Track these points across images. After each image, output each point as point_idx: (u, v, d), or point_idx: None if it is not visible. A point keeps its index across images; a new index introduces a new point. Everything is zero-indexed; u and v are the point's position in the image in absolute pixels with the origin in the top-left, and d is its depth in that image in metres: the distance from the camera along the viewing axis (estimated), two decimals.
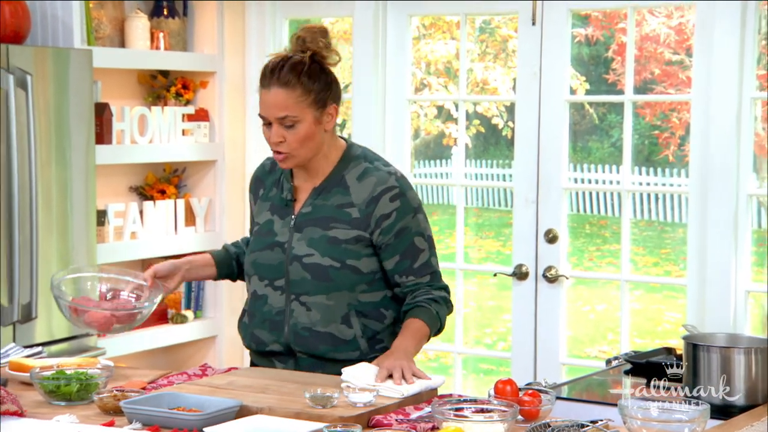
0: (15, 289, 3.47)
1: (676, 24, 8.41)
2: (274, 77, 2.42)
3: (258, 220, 2.60)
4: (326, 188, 2.51)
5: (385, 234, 2.47)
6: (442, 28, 8.73)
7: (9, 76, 3.43)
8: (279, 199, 2.56)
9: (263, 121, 2.46)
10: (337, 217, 2.49)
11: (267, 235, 2.54)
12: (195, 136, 4.39)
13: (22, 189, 3.48)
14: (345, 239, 2.47)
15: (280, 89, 2.41)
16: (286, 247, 2.50)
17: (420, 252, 2.51)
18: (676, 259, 8.77)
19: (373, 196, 2.47)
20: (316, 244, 2.47)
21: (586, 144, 9.81)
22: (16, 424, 2.06)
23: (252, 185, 2.66)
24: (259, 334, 2.54)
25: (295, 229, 2.51)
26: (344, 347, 2.49)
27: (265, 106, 2.44)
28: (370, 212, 2.47)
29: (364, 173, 2.50)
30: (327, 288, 2.46)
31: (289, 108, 2.41)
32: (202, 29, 4.46)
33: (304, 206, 2.52)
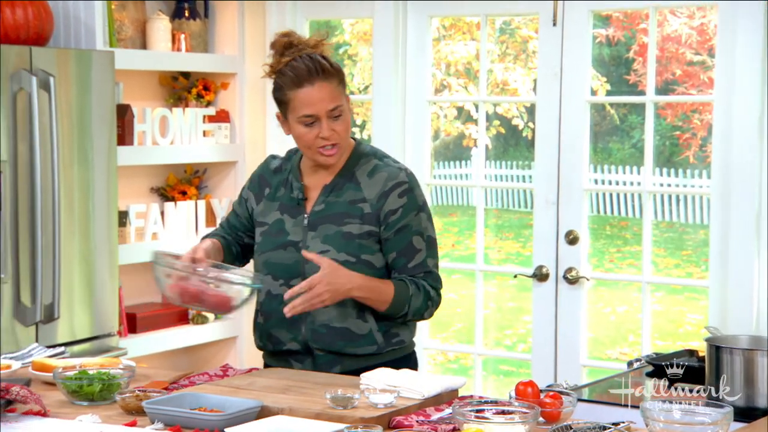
0: (38, 290, 3.49)
1: (698, 24, 8.36)
2: (313, 72, 2.44)
3: (264, 219, 2.59)
4: (338, 185, 2.53)
5: (388, 229, 2.51)
6: (462, 29, 8.72)
7: (32, 78, 3.46)
8: (289, 198, 2.57)
9: (306, 121, 2.46)
10: (350, 213, 2.50)
11: (278, 234, 2.54)
12: (216, 138, 4.40)
13: (44, 190, 3.50)
14: (358, 234, 2.49)
15: (324, 82, 2.45)
16: (301, 246, 2.51)
17: (417, 252, 2.52)
18: (698, 261, 8.72)
19: (384, 191, 2.51)
20: (331, 240, 2.49)
21: (606, 145, 9.77)
22: (39, 424, 2.08)
23: (254, 183, 2.65)
24: (276, 334, 2.55)
25: (309, 227, 2.52)
26: (361, 341, 2.50)
27: (313, 103, 2.45)
28: (380, 207, 2.50)
29: (374, 169, 2.53)
30: None
31: (336, 98, 2.46)
32: (223, 30, 4.47)
33: (317, 204, 2.54)
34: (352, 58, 9.30)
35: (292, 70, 2.47)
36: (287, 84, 2.48)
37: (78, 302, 3.67)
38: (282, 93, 2.51)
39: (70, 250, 3.62)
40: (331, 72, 2.47)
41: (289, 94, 2.48)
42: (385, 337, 2.52)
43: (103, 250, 3.75)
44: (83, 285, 3.68)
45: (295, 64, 2.47)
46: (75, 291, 3.66)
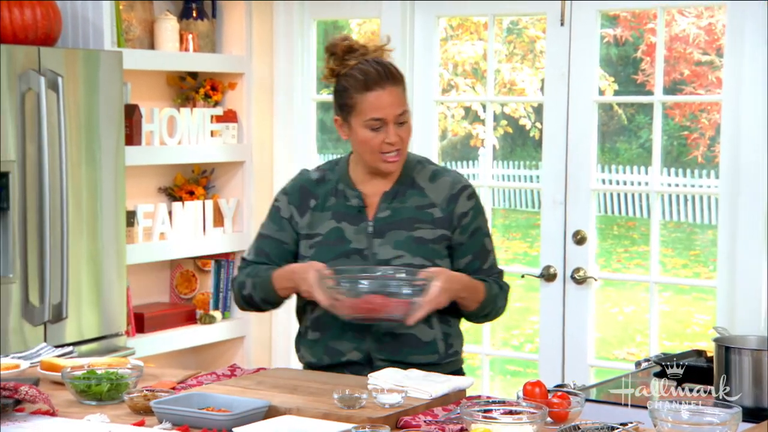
0: (46, 290, 3.50)
1: (705, 24, 8.35)
2: (383, 76, 2.43)
3: (315, 231, 2.51)
4: (399, 191, 2.50)
5: (462, 233, 2.50)
6: (469, 29, 8.72)
7: (40, 78, 3.46)
8: (345, 206, 2.51)
9: (374, 126, 2.43)
10: (419, 218, 2.48)
11: (338, 243, 2.48)
12: (223, 138, 4.40)
13: (52, 190, 3.51)
14: (431, 239, 2.47)
15: (393, 87, 2.44)
16: (366, 253, 2.47)
17: (489, 253, 2.55)
18: (706, 261, 8.70)
19: (452, 194, 2.50)
20: (403, 245, 2.46)
21: (614, 145, 9.76)
22: (47, 423, 2.08)
23: (294, 196, 2.55)
24: (335, 345, 2.49)
25: (374, 234, 2.48)
26: (425, 349, 2.48)
27: (382, 107, 2.42)
28: (451, 210, 2.49)
29: (434, 174, 2.53)
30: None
31: (403, 103, 2.45)
32: (230, 31, 4.48)
33: (380, 211, 2.49)
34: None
35: (361, 73, 2.43)
36: (354, 87, 2.43)
37: (86, 302, 3.68)
38: (347, 96, 2.45)
39: (78, 250, 3.63)
40: (398, 78, 2.46)
41: (356, 97, 2.43)
42: (446, 347, 2.52)
43: (111, 250, 3.75)
44: (91, 285, 3.69)
45: (363, 67, 2.44)
46: (83, 291, 3.66)
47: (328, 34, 9.34)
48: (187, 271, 4.48)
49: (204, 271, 4.48)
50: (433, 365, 2.48)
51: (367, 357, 2.48)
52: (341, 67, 2.47)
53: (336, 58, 2.48)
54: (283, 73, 4.48)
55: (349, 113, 2.47)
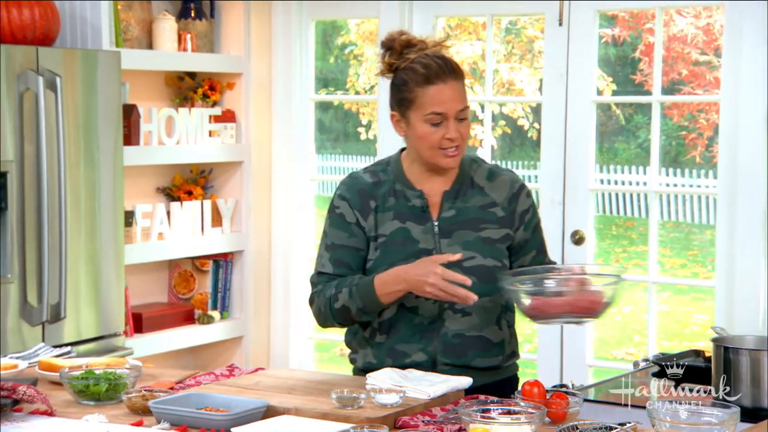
0: (44, 290, 3.50)
1: (704, 24, 8.35)
2: (445, 70, 2.37)
3: (379, 232, 2.44)
4: (460, 191, 2.46)
5: (525, 229, 2.50)
6: (468, 29, 8.72)
7: (38, 78, 3.46)
8: (407, 207, 2.45)
9: (434, 120, 2.37)
10: (484, 218, 2.45)
11: (406, 243, 2.42)
12: (222, 138, 4.40)
13: (50, 190, 3.50)
14: (497, 239, 2.45)
15: (455, 81, 2.38)
16: (434, 254, 2.41)
17: (544, 243, 2.58)
18: (704, 261, 8.71)
19: (513, 193, 2.49)
20: (473, 246, 2.42)
21: (612, 145, 9.76)
22: (46, 423, 2.08)
23: (354, 200, 2.46)
24: (401, 348, 2.43)
25: (441, 234, 2.43)
26: (493, 350, 2.46)
27: (444, 101, 2.36)
28: (513, 209, 2.48)
29: (491, 173, 2.50)
30: (492, 289, 2.41)
31: (465, 98, 2.40)
32: (228, 31, 4.48)
33: (444, 210, 2.45)
34: (357, 58, 9.30)
35: (422, 67, 2.37)
36: (415, 80, 2.37)
37: (84, 302, 3.67)
38: (407, 90, 2.39)
39: (77, 250, 3.63)
40: (460, 73, 2.40)
41: (416, 91, 2.37)
42: (510, 348, 2.50)
43: (109, 250, 3.75)
44: (89, 285, 3.69)
45: (424, 61, 2.37)
46: (81, 291, 3.66)
47: (326, 34, 9.35)
48: (186, 271, 4.48)
49: (202, 271, 4.48)
50: (494, 369, 2.46)
51: (432, 359, 2.44)
52: (400, 61, 2.40)
53: (393, 52, 2.42)
54: (281, 73, 4.48)
55: (408, 107, 2.40)
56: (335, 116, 10.83)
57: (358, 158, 11.24)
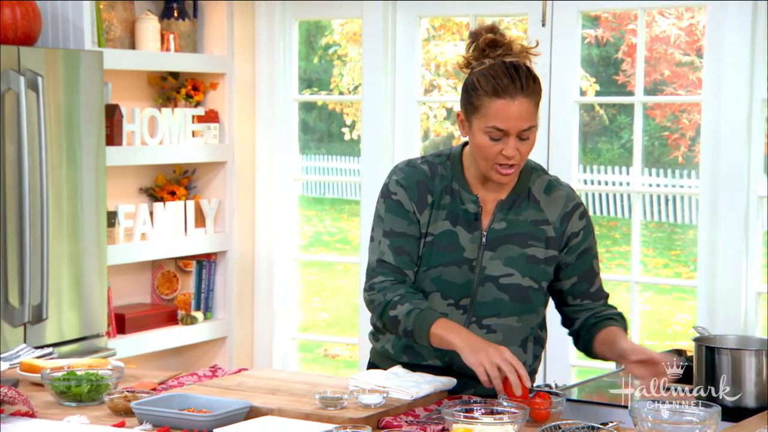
0: (26, 291, 3.48)
1: (686, 25, 8.39)
2: (518, 87, 2.23)
3: (430, 230, 2.34)
4: (516, 202, 2.34)
5: (569, 252, 2.37)
6: (451, 30, 8.73)
7: (20, 78, 3.45)
8: (459, 209, 2.34)
9: (494, 135, 2.24)
10: (534, 235, 2.34)
11: (451, 248, 2.32)
12: (205, 138, 4.39)
13: (32, 190, 3.49)
14: (543, 259, 2.34)
15: (525, 99, 2.24)
16: (475, 265, 2.32)
17: (596, 276, 2.42)
18: (687, 261, 8.75)
19: (566, 212, 2.36)
20: (515, 263, 2.32)
21: (596, 145, 9.79)
22: (27, 425, 2.07)
23: (412, 191, 2.34)
24: (419, 349, 2.36)
25: (486, 246, 2.33)
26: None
27: (507, 118, 2.22)
28: (564, 230, 2.35)
29: (549, 187, 2.38)
30: (522, 310, 2.34)
31: (531, 118, 2.25)
32: (212, 31, 4.47)
33: (495, 221, 2.33)
34: (341, 58, 9.30)
35: (495, 77, 2.23)
36: (485, 89, 2.24)
37: (66, 303, 3.66)
38: (475, 96, 2.26)
39: (59, 251, 3.61)
40: (534, 90, 2.25)
41: (483, 100, 2.24)
42: (529, 369, 2.40)
43: (92, 250, 3.74)
44: (72, 285, 3.67)
45: (499, 69, 2.24)
46: (63, 291, 3.65)
47: (310, 34, 9.34)
48: (169, 272, 4.46)
49: (185, 271, 4.46)
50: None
51: (447, 366, 2.38)
52: (478, 62, 2.28)
53: (476, 49, 2.29)
54: (265, 73, 4.48)
55: (472, 113, 2.27)
56: (319, 116, 10.83)
57: (342, 158, 11.24)
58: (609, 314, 2.42)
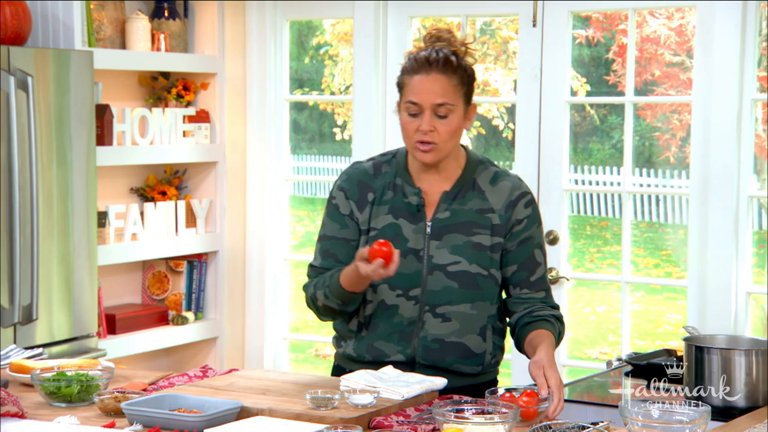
0: (16, 291, 3.47)
1: (676, 25, 8.41)
2: (434, 63, 2.34)
3: (372, 225, 2.42)
4: (460, 192, 2.42)
5: (511, 240, 2.42)
6: None
7: (10, 78, 3.44)
8: (402, 203, 2.42)
9: (411, 110, 2.35)
10: (478, 223, 2.40)
11: (395, 240, 2.37)
12: (196, 138, 4.39)
13: (22, 190, 3.48)
14: (489, 246, 2.40)
15: (440, 75, 2.34)
16: (422, 255, 2.39)
17: (537, 266, 2.45)
18: (677, 261, 8.77)
19: (511, 201, 2.42)
20: (461, 250, 2.38)
21: (586, 145, 9.81)
22: (16, 426, 2.07)
23: (352, 191, 2.45)
24: (380, 346, 2.42)
25: (432, 236, 2.39)
26: (472, 360, 2.42)
27: (420, 92, 2.34)
28: (509, 217, 2.41)
29: (495, 177, 2.44)
30: (474, 296, 2.39)
31: (448, 95, 2.34)
32: (202, 31, 4.46)
33: (439, 211, 2.41)
34: (332, 58, 9.30)
35: (416, 57, 2.37)
36: (407, 69, 2.38)
37: (57, 303, 3.65)
38: (401, 77, 2.41)
39: (49, 251, 3.61)
40: (453, 68, 2.35)
41: (405, 79, 2.38)
42: (491, 358, 2.45)
43: (82, 250, 3.73)
44: (62, 286, 3.66)
45: (422, 53, 2.37)
46: (54, 292, 3.64)
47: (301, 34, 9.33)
48: (159, 272, 4.46)
49: (176, 271, 4.46)
50: (472, 375, 2.44)
51: (411, 360, 2.42)
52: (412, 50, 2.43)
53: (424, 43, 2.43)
54: (255, 73, 4.47)
55: (400, 95, 2.41)
56: (310, 116, 10.82)
57: (334, 159, 11.23)
58: (545, 315, 2.43)
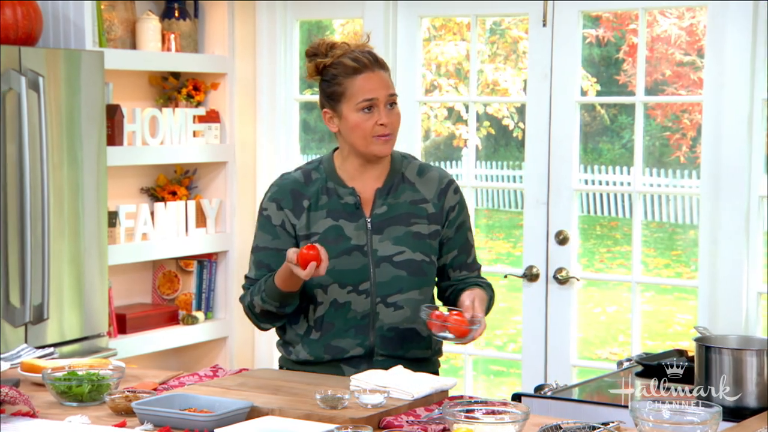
0: (27, 291, 3.48)
1: (687, 25, 8.39)
2: (374, 62, 2.47)
3: (312, 230, 2.48)
4: (392, 187, 2.52)
5: (449, 227, 2.54)
6: (452, 30, 8.73)
7: (21, 78, 3.45)
8: (339, 204, 2.50)
9: (364, 106, 2.43)
10: (415, 213, 2.51)
11: (338, 241, 2.46)
12: (206, 138, 4.39)
13: (33, 190, 3.49)
14: (427, 234, 2.50)
15: (381, 70, 2.48)
16: (366, 250, 2.47)
17: (471, 247, 2.60)
18: (687, 261, 8.74)
19: (442, 189, 2.54)
20: (403, 241, 2.48)
21: (597, 145, 9.79)
22: (28, 425, 2.07)
23: (286, 200, 2.51)
24: (337, 344, 2.48)
25: (373, 231, 2.48)
26: (423, 344, 2.51)
27: (373, 88, 2.44)
28: (442, 205, 2.53)
29: (421, 169, 2.56)
30: (420, 283, 2.49)
31: (393, 87, 2.49)
32: (212, 31, 4.47)
33: (376, 207, 2.50)
34: None
35: (351, 60, 2.45)
36: (344, 73, 2.45)
37: (67, 303, 3.66)
38: (336, 83, 2.46)
39: (60, 251, 3.62)
40: (386, 66, 2.51)
41: (345, 83, 2.45)
42: (434, 343, 2.55)
43: (93, 250, 3.74)
44: (73, 286, 3.67)
45: (351, 55, 2.46)
46: (64, 292, 3.65)
47: (311, 34, 9.35)
48: (170, 272, 4.46)
49: (186, 271, 4.46)
50: (424, 360, 2.53)
51: (369, 352, 2.49)
52: (326, 60, 2.48)
53: (320, 56, 2.50)
54: (265, 73, 4.48)
55: (338, 101, 2.47)
56: (320, 117, 10.81)
57: None
58: (478, 282, 2.57)
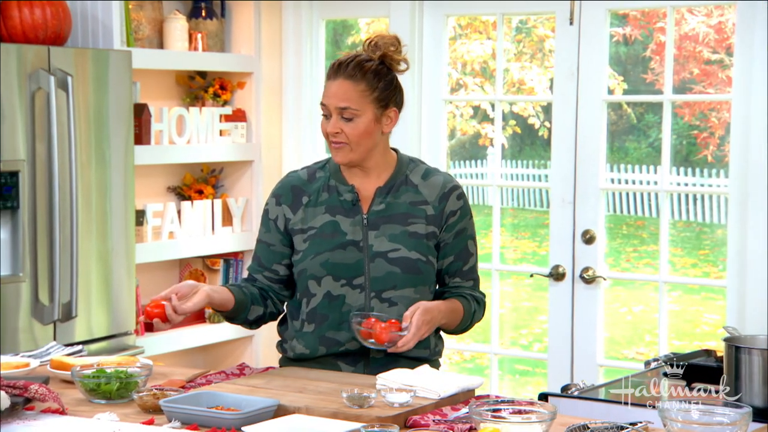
0: (55, 289, 3.51)
1: (715, 23, 8.32)
2: (341, 69, 2.47)
3: (308, 225, 2.53)
4: (393, 187, 2.53)
5: (447, 232, 2.53)
6: (478, 29, 8.71)
7: (50, 78, 3.47)
8: (338, 200, 2.53)
9: (323, 111, 2.50)
10: (413, 213, 2.51)
11: (334, 235, 2.50)
12: (232, 137, 4.41)
13: (62, 189, 3.51)
14: (424, 234, 2.51)
15: (345, 81, 2.46)
16: (362, 245, 2.50)
17: (470, 256, 2.58)
18: (715, 261, 8.68)
19: (444, 193, 2.54)
20: (399, 239, 2.49)
21: (623, 144, 9.74)
22: (57, 422, 2.09)
23: (286, 196, 2.57)
24: (334, 336, 2.50)
25: (369, 227, 2.51)
26: (420, 344, 2.49)
27: (328, 96, 2.48)
28: (442, 208, 2.53)
29: (427, 173, 2.57)
30: (415, 281, 2.49)
31: (352, 100, 2.46)
32: (239, 30, 4.48)
33: (375, 204, 2.52)
34: None
35: (333, 61, 2.51)
36: (327, 73, 2.53)
37: (95, 301, 3.69)
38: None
39: (88, 249, 3.64)
40: (358, 76, 2.45)
41: (325, 81, 2.53)
42: (434, 345, 2.56)
43: (121, 249, 3.76)
44: (101, 284, 3.70)
45: (341, 58, 2.50)
46: (92, 290, 3.67)
47: (337, 34, 9.37)
48: (196, 270, 4.48)
49: (213, 270, 4.48)
50: (425, 360, 2.52)
51: (362, 348, 2.49)
52: None
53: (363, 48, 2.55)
54: (291, 72, 4.49)
55: None
56: None
57: None
58: (463, 293, 2.57)
